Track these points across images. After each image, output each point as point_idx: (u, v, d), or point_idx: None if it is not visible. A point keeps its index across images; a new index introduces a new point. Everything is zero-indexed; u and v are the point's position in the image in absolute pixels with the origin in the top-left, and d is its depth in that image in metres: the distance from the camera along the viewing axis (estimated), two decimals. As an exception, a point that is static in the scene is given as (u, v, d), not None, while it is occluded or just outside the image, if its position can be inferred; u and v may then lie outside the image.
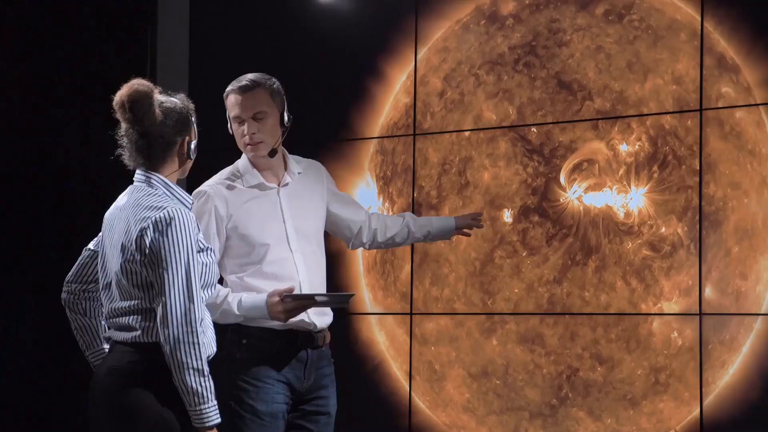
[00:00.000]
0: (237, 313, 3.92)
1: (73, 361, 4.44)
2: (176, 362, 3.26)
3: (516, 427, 5.36)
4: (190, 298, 3.28)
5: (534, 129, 5.41)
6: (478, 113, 5.57)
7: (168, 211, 3.31)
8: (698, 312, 4.92)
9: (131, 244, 3.33)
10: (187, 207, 3.42)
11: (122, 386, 3.32)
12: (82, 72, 6.21)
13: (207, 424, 3.29)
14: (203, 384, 3.28)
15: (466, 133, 5.59)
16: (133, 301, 3.36)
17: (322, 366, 4.06)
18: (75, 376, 5.78)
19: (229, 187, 4.02)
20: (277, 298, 3.88)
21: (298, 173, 4.11)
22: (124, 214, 3.41)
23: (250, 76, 4.05)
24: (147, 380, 3.31)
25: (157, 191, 3.40)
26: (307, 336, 4.00)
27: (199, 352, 3.27)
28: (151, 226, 3.30)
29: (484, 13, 5.58)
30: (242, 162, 4.09)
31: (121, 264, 3.36)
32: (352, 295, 4.06)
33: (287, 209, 4.05)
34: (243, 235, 3.98)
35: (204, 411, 3.28)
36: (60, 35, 6.20)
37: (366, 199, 5.82)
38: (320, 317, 4.05)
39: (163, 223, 3.30)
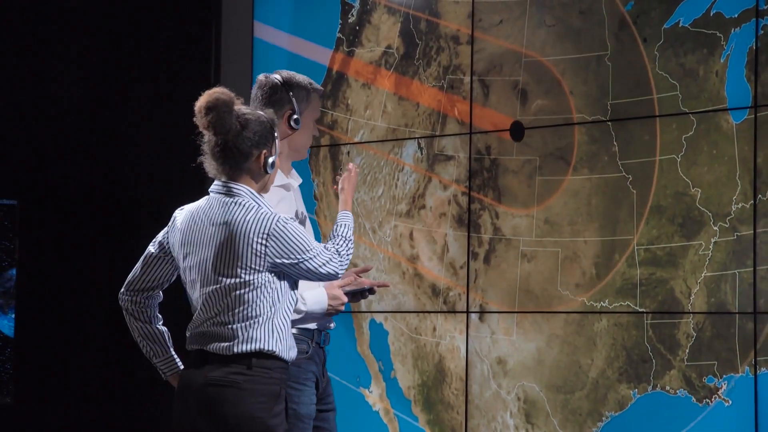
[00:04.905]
0: (303, 309, 3.87)
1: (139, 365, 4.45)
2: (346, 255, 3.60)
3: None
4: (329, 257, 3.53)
5: None
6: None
7: (280, 218, 3.43)
8: (753, 311, 4.84)
9: (246, 251, 3.39)
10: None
11: (225, 397, 3.38)
12: (145, 75, 6.20)
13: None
14: (348, 243, 3.62)
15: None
16: (230, 312, 3.40)
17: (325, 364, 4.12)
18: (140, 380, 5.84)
19: None
20: (339, 291, 3.89)
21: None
22: (216, 224, 3.43)
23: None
24: (248, 390, 3.38)
25: (244, 200, 3.43)
26: (328, 335, 4.03)
27: (343, 255, 3.57)
28: (266, 232, 3.40)
29: None
30: None
31: (224, 272, 3.39)
32: (387, 285, 4.24)
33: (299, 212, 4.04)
34: None
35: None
36: (124, 38, 6.18)
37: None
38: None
39: (279, 227, 3.41)
